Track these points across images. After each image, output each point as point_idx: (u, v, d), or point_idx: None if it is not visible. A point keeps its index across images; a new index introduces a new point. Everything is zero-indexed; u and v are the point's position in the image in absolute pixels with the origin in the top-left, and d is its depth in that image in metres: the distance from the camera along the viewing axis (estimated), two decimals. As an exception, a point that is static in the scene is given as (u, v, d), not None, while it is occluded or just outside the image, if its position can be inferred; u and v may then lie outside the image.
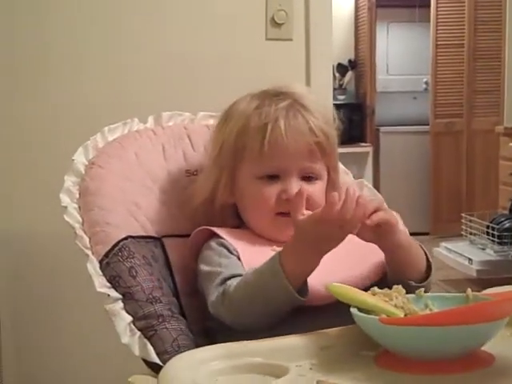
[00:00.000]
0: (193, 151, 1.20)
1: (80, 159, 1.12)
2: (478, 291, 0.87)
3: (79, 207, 1.07)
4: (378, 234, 0.92)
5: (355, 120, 5.30)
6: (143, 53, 1.79)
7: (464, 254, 3.77)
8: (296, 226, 0.91)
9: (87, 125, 1.28)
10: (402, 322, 0.73)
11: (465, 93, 5.22)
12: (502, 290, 0.90)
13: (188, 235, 1.09)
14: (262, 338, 0.83)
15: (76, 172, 1.10)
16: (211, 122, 1.26)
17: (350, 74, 5.47)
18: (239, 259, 1.01)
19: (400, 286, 0.84)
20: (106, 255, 1.01)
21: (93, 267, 1.00)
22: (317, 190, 1.06)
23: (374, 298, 0.81)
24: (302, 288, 0.91)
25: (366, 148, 5.37)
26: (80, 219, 1.05)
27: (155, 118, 1.23)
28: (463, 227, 4.03)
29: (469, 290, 0.82)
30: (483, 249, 3.80)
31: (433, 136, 5.28)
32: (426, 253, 1.01)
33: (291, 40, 1.93)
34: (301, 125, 1.03)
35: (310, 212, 0.90)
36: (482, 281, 3.52)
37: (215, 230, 1.06)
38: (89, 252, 1.02)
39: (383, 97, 5.49)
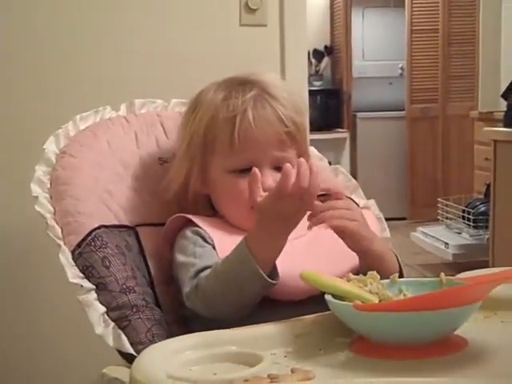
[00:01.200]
0: (166, 138, 1.19)
1: (51, 148, 1.10)
2: (453, 275, 0.87)
3: (50, 197, 1.05)
4: (340, 237, 0.93)
5: (332, 106, 5.30)
6: (113, 40, 1.76)
7: (440, 238, 3.81)
8: (256, 209, 0.91)
9: (58, 113, 1.26)
10: (375, 308, 0.73)
11: (440, 78, 5.25)
12: (476, 273, 0.91)
13: (162, 224, 1.09)
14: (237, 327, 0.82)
15: (47, 161, 1.08)
16: (184, 108, 1.24)
17: (326, 60, 5.47)
18: (214, 248, 1.00)
19: (375, 272, 0.84)
20: (79, 245, 0.99)
21: (65, 258, 0.98)
22: None
23: (349, 284, 0.80)
24: (272, 272, 0.91)
25: (342, 134, 5.39)
26: (51, 209, 1.04)
27: (127, 105, 1.21)
28: (439, 212, 4.07)
29: (442, 274, 0.83)
30: (459, 233, 3.84)
31: (409, 121, 5.32)
32: (397, 258, 1.01)
33: (265, 26, 1.92)
34: (269, 115, 1.02)
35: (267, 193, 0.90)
36: (458, 264, 3.56)
37: (190, 217, 1.05)
38: (61, 242, 1.00)
39: (359, 82, 5.50)
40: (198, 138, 1.05)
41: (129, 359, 0.92)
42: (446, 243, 3.74)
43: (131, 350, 0.93)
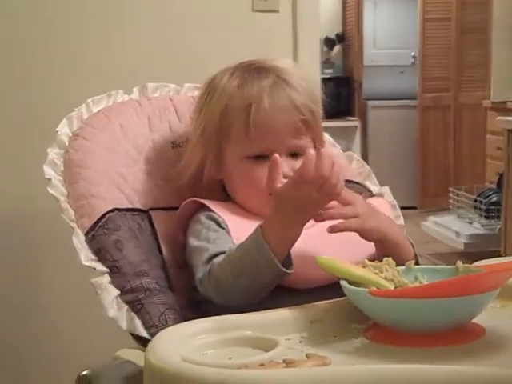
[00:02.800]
0: (179, 122, 1.18)
1: (64, 131, 1.09)
2: (465, 264, 0.86)
3: (64, 180, 1.05)
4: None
5: (343, 94, 5.28)
6: (126, 24, 1.75)
7: (451, 227, 3.79)
8: (275, 195, 0.90)
9: (71, 97, 1.25)
10: (392, 294, 0.72)
11: (452, 67, 5.21)
12: (492, 262, 0.90)
13: (175, 208, 1.08)
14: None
15: (60, 144, 1.08)
16: (197, 93, 1.24)
17: (337, 48, 5.44)
18: (228, 233, 1.00)
19: (390, 259, 0.83)
20: (92, 228, 0.99)
21: (78, 240, 0.98)
22: None
23: (364, 270, 0.80)
24: (286, 261, 0.90)
25: (353, 122, 5.36)
26: (65, 192, 1.03)
27: (140, 89, 1.20)
28: (451, 201, 4.04)
29: (459, 262, 0.82)
30: (470, 222, 3.82)
31: (420, 110, 5.28)
32: (412, 245, 1.00)
33: (278, 12, 1.90)
34: (285, 103, 1.01)
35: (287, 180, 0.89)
36: (470, 254, 3.54)
37: (205, 202, 1.04)
38: (74, 225, 1.00)
39: (371, 71, 5.46)
40: (213, 124, 1.04)
41: (142, 342, 0.92)
42: (457, 232, 3.72)
43: (145, 333, 0.92)
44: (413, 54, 5.52)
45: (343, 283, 0.77)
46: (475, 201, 3.76)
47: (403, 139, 5.38)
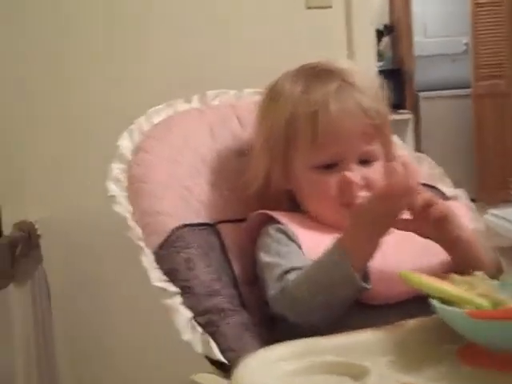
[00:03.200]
0: (241, 130, 1.14)
1: (125, 144, 1.06)
2: None
3: (128, 196, 1.01)
4: (437, 227, 0.87)
5: (393, 86, 5.14)
6: (182, 31, 1.72)
7: (512, 220, 3.65)
8: (355, 211, 0.86)
9: (129, 107, 1.22)
10: (494, 316, 0.66)
11: (507, 52, 5.03)
12: None
13: (242, 220, 1.04)
14: (328, 330, 0.78)
15: (121, 158, 1.05)
16: (258, 98, 1.19)
17: (386, 40, 5.32)
18: (299, 246, 0.95)
19: (482, 273, 0.77)
20: (161, 246, 0.95)
21: (147, 260, 0.94)
22: (376, 172, 0.98)
23: (455, 287, 0.73)
24: (364, 275, 0.85)
25: (405, 115, 5.22)
26: (130, 208, 1.00)
27: (200, 97, 1.17)
28: (511, 192, 3.90)
29: None
30: (533, 215, 3.67)
31: (475, 99, 5.12)
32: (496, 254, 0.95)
33: (331, 7, 1.85)
34: (353, 107, 0.96)
35: (366, 194, 0.85)
36: (534, 247, 3.41)
37: (273, 214, 1.00)
38: (142, 244, 0.96)
39: (421, 61, 5.33)
40: (278, 133, 0.99)
41: (218, 366, 0.88)
42: (518, 225, 3.58)
43: (222, 358, 0.88)
44: (465, 41, 5.35)
45: (435, 302, 0.71)
46: (539, 191, 3.62)
47: (458, 130, 5.24)
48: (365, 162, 0.98)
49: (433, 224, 0.88)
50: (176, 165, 1.05)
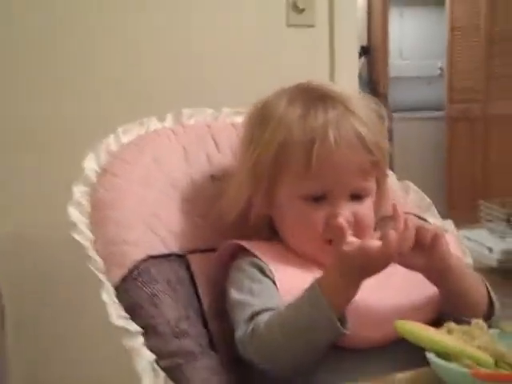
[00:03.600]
0: (217, 153, 1.06)
1: (91, 166, 0.97)
2: (498, 281, 0.76)
3: (91, 222, 0.93)
4: (426, 255, 0.81)
5: (368, 107, 5.14)
6: (157, 43, 1.63)
7: (483, 242, 3.64)
8: (341, 257, 0.79)
9: (98, 124, 1.13)
10: (502, 378, 0.58)
11: (481, 77, 5.06)
12: None
13: (214, 249, 0.96)
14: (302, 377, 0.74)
15: (86, 181, 0.96)
16: (237, 119, 1.12)
17: (362, 61, 5.31)
18: (274, 283, 0.88)
19: (480, 321, 0.70)
20: (124, 279, 0.87)
21: (108, 295, 0.86)
22: (366, 208, 0.92)
23: (453, 338, 0.66)
24: (341, 319, 0.79)
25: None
26: (92, 236, 0.91)
27: (174, 115, 1.08)
28: (482, 215, 3.89)
29: None
30: (503, 237, 3.67)
31: (448, 122, 5.14)
32: (487, 287, 0.88)
33: (313, 26, 1.79)
34: (354, 140, 0.88)
35: (354, 240, 0.79)
36: (503, 270, 3.40)
37: (247, 245, 0.92)
38: (103, 277, 0.87)
39: (397, 82, 5.33)
40: (268, 158, 0.90)
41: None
42: (490, 248, 3.57)
43: None
44: (440, 65, 5.38)
45: (432, 357, 0.64)
46: (509, 215, 3.61)
47: (430, 152, 5.24)
48: (356, 197, 0.91)
49: (424, 251, 0.81)
50: (146, 190, 0.97)
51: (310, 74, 1.03)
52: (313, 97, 0.91)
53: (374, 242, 0.77)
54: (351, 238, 0.78)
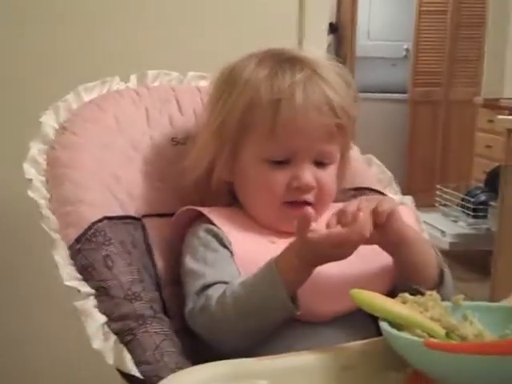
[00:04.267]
0: (180, 116, 1.04)
1: (49, 122, 0.94)
2: (450, 264, 0.83)
3: (47, 180, 0.90)
4: (380, 231, 0.81)
5: (333, 85, 5.13)
6: (127, 7, 1.59)
7: (437, 226, 3.70)
8: (305, 244, 0.77)
9: (59, 83, 1.09)
10: (454, 349, 0.59)
11: (445, 61, 5.10)
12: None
13: (172, 214, 0.94)
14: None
15: (44, 138, 0.93)
16: (202, 83, 1.10)
17: (329, 38, 5.30)
18: (230, 251, 0.87)
19: (434, 292, 0.71)
20: (78, 240, 0.84)
21: (60, 255, 0.83)
22: (330, 175, 0.91)
23: (407, 309, 0.67)
24: (294, 299, 0.79)
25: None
26: (47, 195, 0.88)
27: (139, 76, 1.05)
28: (437, 198, 3.95)
29: (518, 301, 0.69)
30: (456, 221, 3.74)
31: (411, 104, 5.18)
32: (438, 255, 0.88)
33: (284, -6, 1.77)
34: (321, 102, 0.86)
35: (318, 228, 0.78)
36: (455, 253, 3.47)
37: (204, 211, 0.91)
38: (56, 236, 0.85)
39: (362, 62, 5.34)
40: (233, 119, 0.89)
41: (131, 380, 0.78)
42: (443, 231, 3.63)
43: (135, 372, 0.77)
44: (405, 46, 5.40)
45: (385, 326, 0.64)
46: (463, 199, 3.67)
47: (392, 133, 5.28)
48: (320, 163, 0.90)
49: (379, 227, 0.81)
50: (106, 150, 0.95)
51: (278, 42, 1.02)
52: (281, 59, 0.89)
53: (341, 231, 0.77)
54: (315, 226, 0.77)
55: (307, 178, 0.87)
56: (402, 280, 0.84)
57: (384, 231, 0.81)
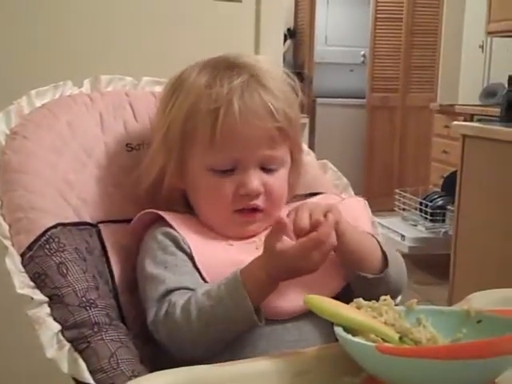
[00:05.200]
0: (135, 122, 1.03)
1: (0, 128, 0.92)
2: (409, 267, 0.86)
3: None
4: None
5: (292, 90, 5.16)
6: (82, 11, 1.57)
7: (396, 229, 3.75)
8: (273, 255, 0.78)
9: (10, 86, 1.08)
10: (406, 353, 0.59)
11: (401, 68, 5.18)
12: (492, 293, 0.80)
13: (128, 220, 0.94)
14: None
15: (-6, 143, 0.91)
16: (157, 88, 1.09)
17: (288, 43, 5.33)
18: (190, 256, 0.86)
19: (388, 297, 0.71)
20: (30, 247, 0.83)
21: (12, 262, 0.81)
22: (278, 179, 0.92)
23: (362, 314, 0.67)
24: (258, 311, 0.80)
25: (302, 119, 5.25)
26: None
27: (92, 81, 1.04)
28: (396, 203, 4.00)
29: (470, 305, 0.70)
30: (415, 225, 3.79)
31: (368, 110, 5.24)
32: (378, 242, 0.89)
33: (240, 2, 1.78)
34: (258, 107, 0.86)
35: (288, 240, 0.79)
36: (414, 257, 3.51)
37: (163, 214, 0.90)
38: (8, 243, 0.83)
39: (321, 68, 5.38)
40: (177, 127, 0.89)
41: (86, 389, 0.77)
42: (403, 235, 3.68)
43: (90, 380, 0.76)
44: (363, 52, 5.47)
45: (339, 331, 0.65)
46: (421, 204, 3.73)
47: (351, 138, 5.33)
48: (267, 169, 0.90)
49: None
50: (58, 155, 0.93)
51: (235, 48, 1.02)
52: (220, 66, 0.90)
53: (310, 237, 0.78)
54: (285, 238, 0.78)
55: (253, 184, 0.87)
56: (349, 271, 0.86)
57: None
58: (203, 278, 0.85)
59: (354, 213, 0.96)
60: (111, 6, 1.61)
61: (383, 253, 0.87)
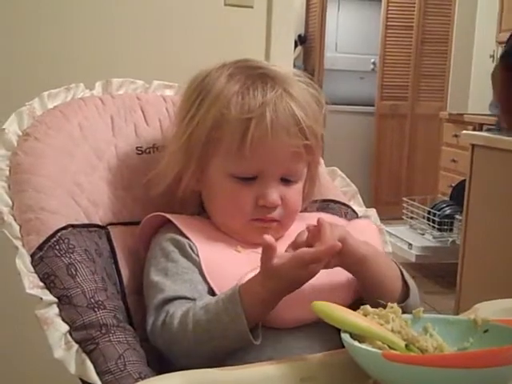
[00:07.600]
0: (145, 125, 1.03)
1: (12, 128, 0.93)
2: (415, 276, 0.79)
3: (9, 186, 0.89)
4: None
5: (301, 97, 5.16)
6: (95, 15, 1.58)
7: (404, 238, 3.74)
8: (269, 271, 0.77)
9: (23, 88, 1.09)
10: (412, 361, 0.60)
11: (411, 76, 5.18)
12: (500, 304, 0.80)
13: (137, 223, 0.94)
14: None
15: (7, 144, 0.92)
16: (167, 92, 1.10)
17: (298, 49, 5.34)
18: (197, 259, 0.87)
19: (395, 305, 0.71)
20: (40, 248, 0.83)
21: (23, 262, 0.82)
22: (295, 192, 0.92)
23: (368, 321, 0.67)
24: (255, 329, 0.79)
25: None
26: (9, 202, 0.87)
27: (104, 84, 1.05)
28: (404, 211, 3.99)
29: (477, 314, 0.70)
30: (422, 234, 3.78)
31: (378, 118, 5.23)
32: (400, 270, 0.88)
33: (252, 7, 1.78)
34: (290, 124, 0.86)
35: (284, 253, 0.78)
36: (421, 266, 3.50)
37: (172, 218, 0.91)
38: (19, 243, 0.84)
39: (331, 74, 5.38)
40: (202, 132, 0.89)
41: (93, 390, 0.77)
42: (410, 244, 3.66)
43: (97, 381, 0.77)
44: (373, 60, 5.47)
45: (346, 338, 0.65)
46: (429, 212, 3.72)
47: (359, 146, 5.33)
48: (286, 181, 0.91)
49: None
50: (69, 158, 0.94)
51: (245, 55, 1.02)
52: (253, 75, 0.89)
53: (303, 250, 0.77)
54: (279, 254, 0.78)
55: (273, 196, 0.88)
56: (367, 295, 0.85)
57: (340, 254, 0.80)
58: (208, 284, 0.85)
59: (366, 236, 0.93)
60: (124, 10, 1.63)
61: (404, 281, 0.86)
